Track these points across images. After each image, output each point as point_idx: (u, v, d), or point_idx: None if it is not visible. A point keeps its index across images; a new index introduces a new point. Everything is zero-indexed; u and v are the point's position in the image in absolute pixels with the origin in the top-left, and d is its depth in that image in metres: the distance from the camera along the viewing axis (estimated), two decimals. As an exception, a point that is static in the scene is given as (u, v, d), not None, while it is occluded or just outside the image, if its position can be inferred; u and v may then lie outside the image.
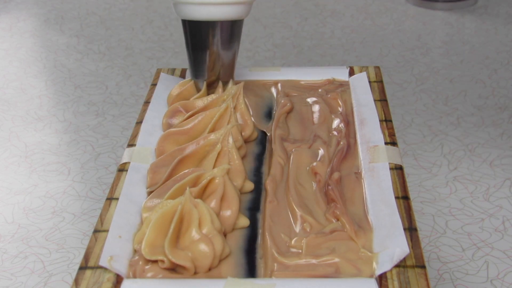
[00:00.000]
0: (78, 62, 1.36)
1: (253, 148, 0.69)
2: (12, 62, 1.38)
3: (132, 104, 1.13)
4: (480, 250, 0.82)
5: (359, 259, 0.52)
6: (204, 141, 0.63)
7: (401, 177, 0.61)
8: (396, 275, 0.50)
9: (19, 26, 1.61)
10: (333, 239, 0.54)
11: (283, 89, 0.79)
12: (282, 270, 0.51)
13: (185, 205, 0.54)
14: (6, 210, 0.82)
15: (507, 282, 0.65)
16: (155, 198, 0.58)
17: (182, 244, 0.52)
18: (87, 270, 0.51)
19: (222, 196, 0.57)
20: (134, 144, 0.68)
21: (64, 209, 0.81)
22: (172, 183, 0.59)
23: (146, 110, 0.74)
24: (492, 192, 1.11)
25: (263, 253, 0.54)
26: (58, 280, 0.69)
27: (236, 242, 0.55)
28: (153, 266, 0.51)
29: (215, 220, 0.54)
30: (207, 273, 0.51)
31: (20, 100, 1.19)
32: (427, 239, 0.71)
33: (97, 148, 0.97)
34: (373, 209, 0.58)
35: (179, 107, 0.72)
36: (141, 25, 1.59)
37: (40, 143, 1.01)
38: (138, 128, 0.71)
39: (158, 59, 1.38)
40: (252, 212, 0.59)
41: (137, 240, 0.54)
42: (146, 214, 0.57)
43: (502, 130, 1.38)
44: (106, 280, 0.50)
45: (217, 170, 0.59)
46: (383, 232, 0.54)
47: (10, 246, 0.75)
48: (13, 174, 0.91)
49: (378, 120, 0.70)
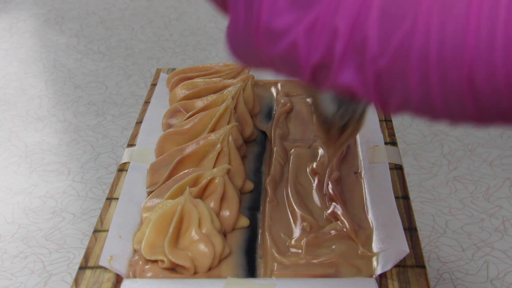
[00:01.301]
0: (78, 62, 1.36)
1: (253, 148, 0.69)
2: (12, 62, 1.38)
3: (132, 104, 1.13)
4: (480, 250, 0.82)
5: (359, 259, 0.52)
6: (204, 141, 0.63)
7: (401, 177, 0.61)
8: (396, 275, 0.50)
9: (19, 26, 1.61)
10: (333, 239, 0.54)
11: (283, 89, 0.79)
12: (282, 270, 0.51)
13: (185, 205, 0.54)
14: (6, 210, 0.82)
15: (507, 282, 0.65)
16: (155, 198, 0.58)
17: (182, 244, 0.52)
18: (87, 270, 0.51)
19: (222, 196, 0.57)
20: (134, 144, 0.68)
21: (64, 209, 0.81)
22: (172, 183, 0.59)
23: (146, 110, 0.74)
24: (492, 192, 1.10)
25: (263, 253, 0.54)
26: (58, 280, 0.69)
27: (236, 242, 0.55)
28: (153, 266, 0.51)
29: (215, 220, 0.54)
30: (207, 273, 0.51)
31: (20, 100, 1.19)
32: (427, 239, 0.71)
33: (97, 148, 0.97)
34: (373, 209, 0.58)
35: (179, 107, 0.72)
36: (141, 25, 1.59)
37: (40, 143, 1.01)
38: (138, 128, 0.71)
39: (158, 59, 1.38)
40: (252, 212, 0.59)
41: (137, 240, 0.54)
42: (146, 214, 0.57)
43: (502, 130, 1.38)
44: (106, 280, 0.50)
45: (217, 170, 0.59)
46: (383, 232, 0.54)
47: (10, 246, 0.75)
48: (13, 174, 0.91)
49: (378, 120, 0.70)
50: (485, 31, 0.21)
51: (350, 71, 0.25)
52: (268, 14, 0.25)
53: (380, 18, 0.23)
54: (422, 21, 0.22)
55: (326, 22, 0.24)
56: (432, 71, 0.23)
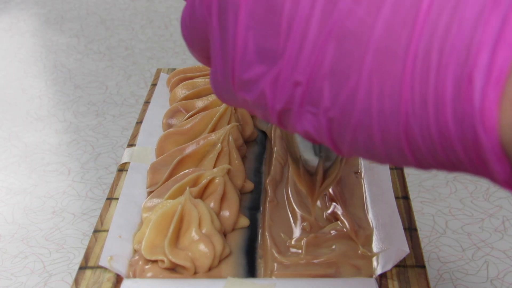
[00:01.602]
0: (78, 62, 1.36)
1: (253, 148, 0.69)
2: (12, 62, 1.38)
3: (132, 104, 1.13)
4: (480, 250, 0.82)
5: (359, 259, 0.52)
6: (204, 141, 0.63)
7: (401, 177, 0.61)
8: (396, 275, 0.50)
9: (19, 26, 1.61)
10: (333, 239, 0.54)
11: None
12: (282, 270, 0.51)
13: (185, 205, 0.54)
14: (6, 210, 0.82)
15: (507, 282, 0.65)
16: (155, 198, 0.58)
17: (182, 244, 0.52)
18: (87, 270, 0.51)
19: (222, 196, 0.57)
20: (134, 144, 0.68)
21: (64, 209, 0.81)
22: (172, 183, 0.59)
23: (146, 110, 0.74)
24: (492, 192, 1.10)
25: (263, 253, 0.54)
26: (58, 280, 0.69)
27: (236, 242, 0.55)
28: (153, 266, 0.51)
29: (215, 220, 0.54)
30: (207, 273, 0.51)
31: (20, 100, 1.19)
32: (427, 239, 0.71)
33: (97, 148, 0.97)
34: (373, 209, 0.58)
35: (179, 107, 0.72)
36: (141, 25, 1.59)
37: (40, 143, 1.01)
38: (138, 128, 0.70)
39: (158, 59, 1.38)
40: (252, 212, 0.59)
41: (137, 240, 0.54)
42: (146, 214, 0.57)
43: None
44: (106, 280, 0.50)
45: (217, 170, 0.59)
46: (383, 232, 0.54)
47: (10, 246, 0.75)
48: (13, 174, 0.91)
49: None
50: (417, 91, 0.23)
51: (308, 118, 0.28)
52: (240, 66, 0.29)
53: (331, 75, 0.26)
54: (364, 80, 0.25)
55: (287, 75, 0.27)
56: (374, 126, 0.25)
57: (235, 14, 0.29)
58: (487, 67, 0.21)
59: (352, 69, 0.25)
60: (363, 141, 0.26)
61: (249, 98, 0.30)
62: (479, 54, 0.22)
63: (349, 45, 0.25)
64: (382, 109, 0.25)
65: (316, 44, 0.26)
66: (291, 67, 0.27)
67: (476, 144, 0.22)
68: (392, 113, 0.24)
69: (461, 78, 0.22)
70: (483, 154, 0.23)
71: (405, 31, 0.23)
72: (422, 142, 0.24)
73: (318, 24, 0.26)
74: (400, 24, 0.24)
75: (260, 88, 0.29)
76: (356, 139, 0.27)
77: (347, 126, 0.26)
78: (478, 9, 0.22)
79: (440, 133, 0.23)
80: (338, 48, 0.25)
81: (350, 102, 0.26)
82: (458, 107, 0.22)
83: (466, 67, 0.22)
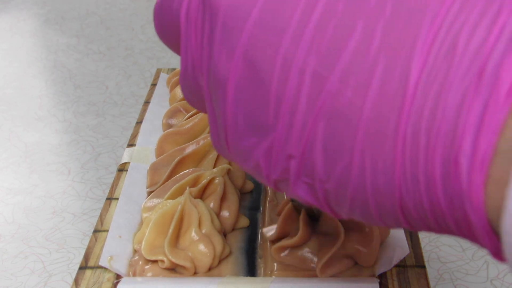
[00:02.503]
0: (78, 62, 1.36)
1: (253, 148, 0.69)
2: (12, 62, 1.38)
3: (132, 104, 1.13)
4: (480, 250, 0.82)
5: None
6: (204, 141, 0.63)
7: (401, 177, 0.61)
8: (396, 275, 0.50)
9: (19, 26, 1.61)
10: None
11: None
12: (282, 270, 0.51)
13: (185, 205, 0.54)
14: (6, 210, 0.82)
15: (507, 282, 0.65)
16: (155, 198, 0.58)
17: (182, 244, 0.52)
18: (87, 270, 0.51)
19: (222, 196, 0.57)
20: (134, 144, 0.68)
21: (64, 209, 0.81)
22: (172, 183, 0.59)
23: (146, 110, 0.74)
24: (492, 192, 1.10)
25: (263, 253, 0.54)
26: (58, 280, 0.68)
27: (236, 242, 0.55)
28: (153, 266, 0.51)
29: (215, 220, 0.54)
30: (207, 273, 0.51)
31: (20, 100, 1.19)
32: (427, 239, 0.71)
33: (97, 148, 0.97)
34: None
35: (179, 107, 0.72)
36: (141, 25, 1.59)
37: (40, 143, 1.01)
38: (138, 128, 0.70)
39: (158, 59, 1.38)
40: (252, 212, 0.59)
41: (137, 240, 0.54)
42: (146, 214, 0.57)
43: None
44: (106, 280, 0.50)
45: (217, 170, 0.59)
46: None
47: (10, 246, 0.75)
48: (13, 174, 0.91)
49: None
50: (409, 170, 0.24)
51: (304, 188, 0.29)
52: (232, 137, 0.30)
53: (323, 150, 0.27)
54: (356, 157, 0.26)
55: (280, 149, 0.28)
56: (370, 199, 0.26)
57: (224, 87, 0.29)
58: (471, 152, 0.22)
59: (344, 146, 0.26)
60: (360, 211, 0.28)
61: (245, 166, 0.31)
62: (463, 140, 0.22)
63: (340, 124, 0.26)
64: (377, 184, 0.26)
65: (306, 121, 0.27)
66: (284, 141, 0.28)
67: (466, 221, 0.24)
68: (387, 188, 0.25)
69: (448, 160, 0.23)
70: (473, 229, 0.24)
71: (393, 114, 0.24)
72: (416, 215, 0.26)
73: (307, 101, 0.26)
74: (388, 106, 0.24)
75: (254, 158, 0.29)
76: (353, 209, 0.28)
77: (343, 197, 0.27)
78: (460, 95, 0.22)
79: (432, 208, 0.24)
80: (328, 126, 0.26)
81: (344, 176, 0.26)
82: (447, 186, 0.23)
83: (452, 151, 0.23)
